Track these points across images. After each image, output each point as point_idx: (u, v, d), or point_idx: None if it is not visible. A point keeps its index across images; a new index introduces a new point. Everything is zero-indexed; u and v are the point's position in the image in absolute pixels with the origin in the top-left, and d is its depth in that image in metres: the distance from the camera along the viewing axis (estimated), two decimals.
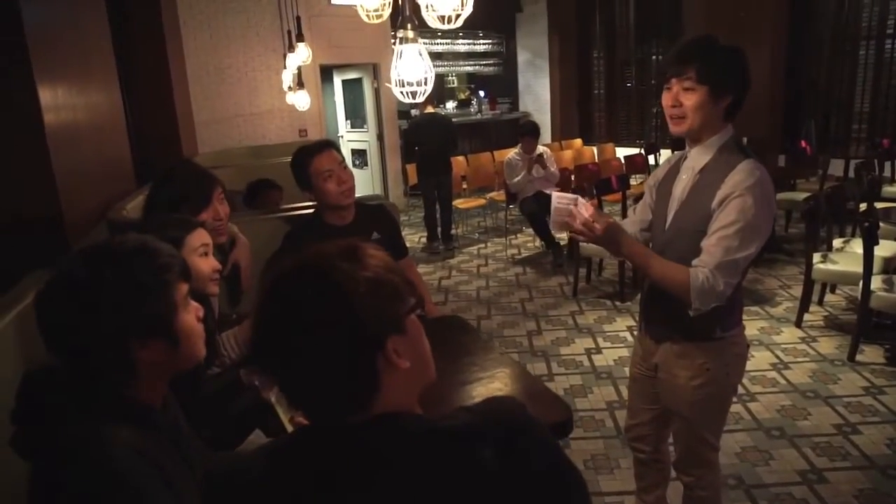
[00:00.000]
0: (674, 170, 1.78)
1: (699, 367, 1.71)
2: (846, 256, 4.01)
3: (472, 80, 10.67)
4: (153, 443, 0.98)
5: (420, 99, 1.62)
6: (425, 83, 1.59)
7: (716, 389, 1.75)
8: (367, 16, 2.19)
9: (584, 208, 1.61)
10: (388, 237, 2.37)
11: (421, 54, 1.56)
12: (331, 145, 2.29)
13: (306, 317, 0.74)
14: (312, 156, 2.19)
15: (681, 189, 1.70)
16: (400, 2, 1.62)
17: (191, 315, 1.05)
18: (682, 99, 1.59)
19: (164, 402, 1.08)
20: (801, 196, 4.98)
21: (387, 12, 2.16)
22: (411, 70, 1.56)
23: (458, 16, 1.42)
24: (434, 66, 1.66)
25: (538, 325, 4.39)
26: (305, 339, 0.74)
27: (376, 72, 8.13)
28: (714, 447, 1.85)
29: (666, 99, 1.63)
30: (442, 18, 1.43)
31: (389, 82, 1.61)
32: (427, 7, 1.39)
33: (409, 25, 1.54)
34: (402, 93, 1.59)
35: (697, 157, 1.66)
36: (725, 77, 1.57)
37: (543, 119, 10.02)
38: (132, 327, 0.96)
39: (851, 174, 5.84)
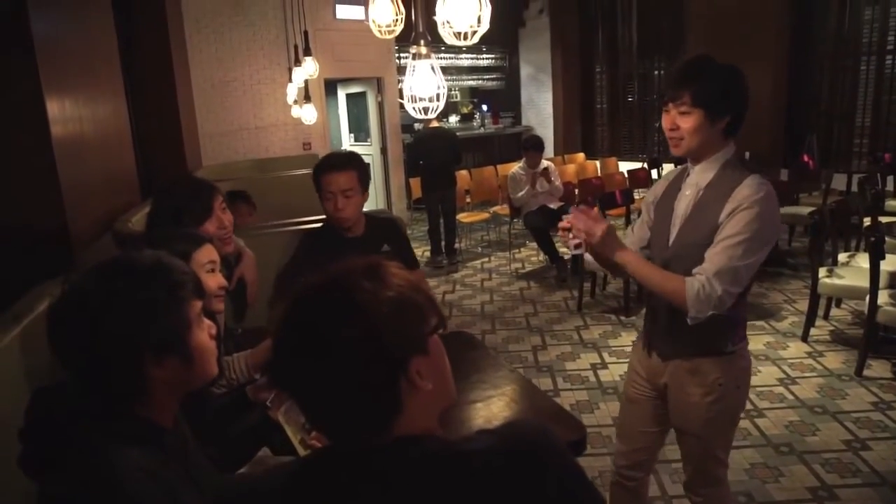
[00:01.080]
0: (674, 187, 1.77)
1: (713, 383, 1.71)
2: (852, 271, 4.00)
3: (475, 95, 10.71)
4: (163, 464, 0.96)
5: (433, 115, 1.61)
6: (437, 99, 1.58)
7: (728, 404, 1.75)
8: (380, 31, 2.19)
9: (582, 213, 1.62)
10: (398, 251, 2.36)
11: (434, 70, 1.55)
12: (349, 166, 2.17)
13: (329, 338, 0.73)
14: (325, 172, 2.16)
15: (684, 206, 1.70)
16: (413, 18, 1.62)
17: (204, 333, 1.04)
18: (679, 122, 1.60)
19: (173, 421, 1.06)
20: (805, 210, 4.98)
21: (399, 28, 2.16)
22: (424, 86, 1.55)
23: (474, 32, 1.42)
24: None
25: (543, 339, 4.37)
26: (327, 360, 0.73)
27: (380, 86, 8.17)
28: (724, 463, 1.84)
29: (665, 122, 1.65)
30: (458, 35, 1.43)
31: (394, 96, 1.61)
32: (444, 24, 1.39)
33: (422, 41, 1.54)
34: (414, 108, 1.58)
35: (701, 174, 1.67)
36: (720, 99, 1.57)
37: (546, 133, 10.05)
38: (146, 344, 0.95)
39: (854, 188, 5.85)
